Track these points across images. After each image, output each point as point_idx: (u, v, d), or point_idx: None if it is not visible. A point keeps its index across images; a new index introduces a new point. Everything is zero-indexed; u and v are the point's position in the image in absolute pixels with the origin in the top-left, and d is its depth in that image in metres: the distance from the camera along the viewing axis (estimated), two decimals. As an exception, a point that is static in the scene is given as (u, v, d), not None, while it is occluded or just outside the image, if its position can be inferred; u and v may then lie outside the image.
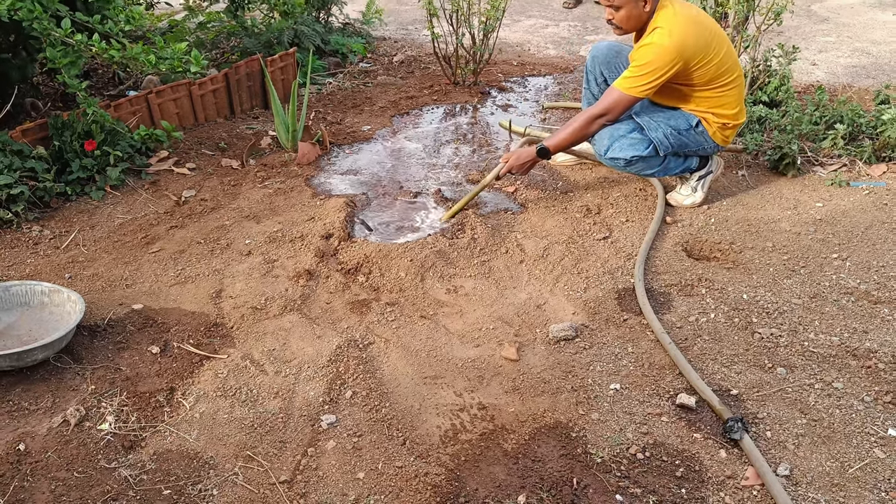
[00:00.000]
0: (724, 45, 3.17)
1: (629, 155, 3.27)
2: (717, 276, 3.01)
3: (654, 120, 3.31)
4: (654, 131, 3.28)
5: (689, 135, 3.32)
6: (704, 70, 3.13)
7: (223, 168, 3.97)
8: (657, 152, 3.30)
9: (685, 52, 3.04)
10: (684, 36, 3.03)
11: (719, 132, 3.33)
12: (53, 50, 3.32)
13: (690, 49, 3.05)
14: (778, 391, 2.39)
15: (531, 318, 2.80)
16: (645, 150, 3.27)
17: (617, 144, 3.29)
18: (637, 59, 3.10)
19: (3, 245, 3.19)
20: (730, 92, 3.25)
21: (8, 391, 2.38)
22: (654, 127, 3.29)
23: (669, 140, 3.28)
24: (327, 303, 2.89)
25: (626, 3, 3.09)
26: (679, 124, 3.31)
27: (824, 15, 6.99)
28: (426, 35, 6.21)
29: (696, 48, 3.06)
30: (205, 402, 2.37)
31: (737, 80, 3.25)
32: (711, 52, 3.10)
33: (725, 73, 3.18)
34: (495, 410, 2.35)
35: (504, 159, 3.41)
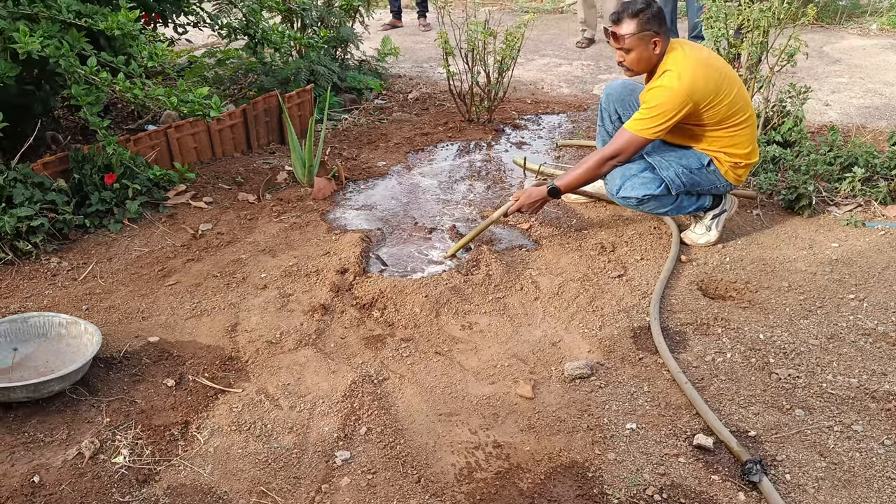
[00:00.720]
0: (734, 86, 3.18)
1: (641, 194, 3.29)
2: (733, 315, 3.00)
3: (666, 159, 3.32)
4: (665, 170, 3.29)
5: (701, 173, 3.33)
6: (715, 111, 3.16)
7: (240, 202, 4.00)
8: (669, 191, 3.31)
9: (695, 94, 3.07)
10: (694, 78, 3.06)
11: (731, 171, 3.34)
12: (78, 87, 3.37)
13: (700, 91, 3.08)
14: (797, 433, 2.37)
15: (546, 356, 2.79)
16: (657, 188, 3.29)
17: (629, 183, 3.30)
18: (648, 101, 3.13)
19: (22, 276, 3.22)
20: (742, 132, 3.26)
21: (24, 422, 2.39)
22: (666, 166, 3.30)
23: (681, 179, 3.29)
24: (342, 337, 2.89)
25: (636, 45, 3.12)
26: (690, 163, 3.32)
27: (836, 56, 7.03)
28: (441, 73, 6.29)
29: (707, 90, 3.09)
30: (219, 437, 2.36)
31: (748, 120, 3.26)
32: (722, 94, 3.12)
33: (737, 113, 3.20)
34: (511, 449, 2.34)
35: (514, 197, 3.43)
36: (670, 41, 3.17)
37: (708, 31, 4.19)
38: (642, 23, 3.08)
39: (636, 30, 3.09)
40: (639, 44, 3.11)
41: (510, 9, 9.83)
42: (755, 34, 4.04)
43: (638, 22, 3.09)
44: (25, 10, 3.23)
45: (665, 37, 3.14)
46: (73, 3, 3.29)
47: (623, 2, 3.18)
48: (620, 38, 3.13)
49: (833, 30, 8.14)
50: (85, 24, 3.30)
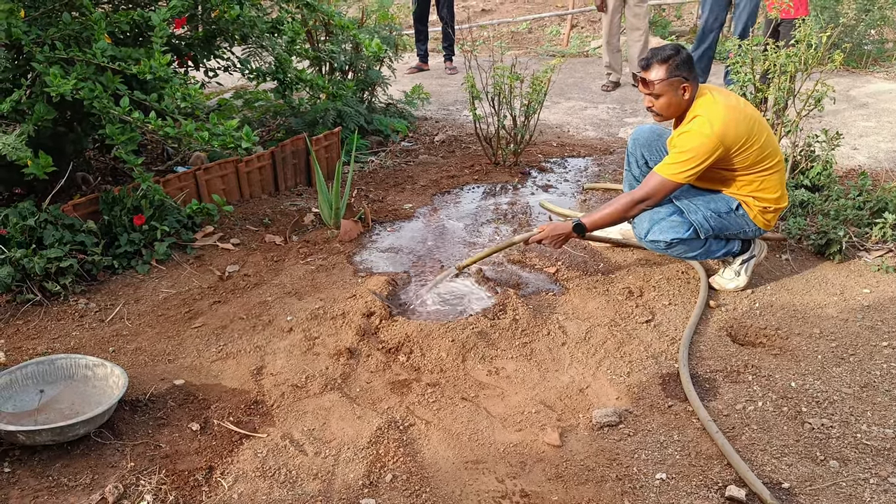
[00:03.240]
0: (764, 131, 3.18)
1: (669, 237, 3.27)
2: (764, 362, 2.95)
3: (694, 203, 3.31)
4: (693, 214, 3.28)
5: (730, 217, 3.31)
6: (745, 155, 3.14)
7: (267, 244, 4.03)
8: (698, 235, 3.29)
9: (726, 139, 3.06)
10: (725, 124, 3.05)
11: (760, 216, 3.32)
12: (112, 127, 3.43)
13: (731, 136, 3.07)
14: (831, 485, 2.31)
15: (574, 403, 2.75)
16: (685, 232, 3.27)
17: (657, 227, 3.29)
18: (678, 145, 3.13)
19: (49, 317, 3.24)
20: (771, 176, 3.24)
21: (48, 466, 2.38)
22: (694, 210, 3.29)
23: (710, 223, 3.28)
24: (368, 382, 2.87)
25: (665, 91, 3.13)
26: (719, 207, 3.30)
27: (863, 100, 7.00)
28: (467, 115, 6.33)
29: (738, 135, 3.08)
30: (243, 483, 2.34)
31: (778, 164, 3.25)
32: (753, 139, 3.11)
33: (767, 158, 3.19)
34: (538, 498, 2.29)
35: (540, 228, 3.42)
36: (700, 86, 3.18)
37: (734, 75, 4.19)
38: (672, 68, 3.09)
39: (665, 76, 3.10)
40: (668, 89, 3.12)
41: (535, 53, 9.91)
42: (782, 79, 4.04)
43: (667, 68, 3.10)
44: (62, 55, 3.30)
45: (694, 83, 3.15)
46: (108, 48, 3.36)
47: (652, 48, 3.19)
48: (650, 84, 3.14)
49: (859, 74, 8.12)
50: (119, 67, 3.37)
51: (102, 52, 3.35)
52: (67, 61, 3.38)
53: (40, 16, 3.44)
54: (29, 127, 3.34)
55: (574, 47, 10.22)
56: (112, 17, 3.58)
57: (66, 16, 3.42)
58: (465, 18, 10.77)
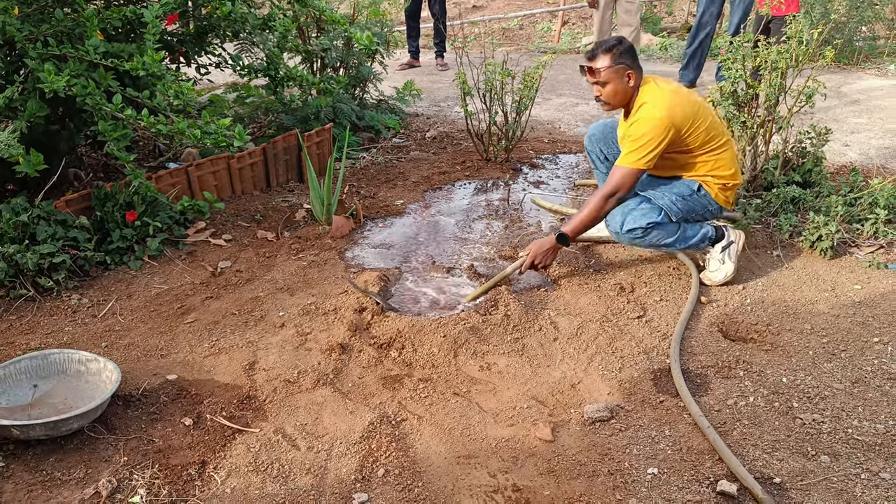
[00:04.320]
0: (709, 114, 3.37)
1: (644, 223, 3.35)
2: (755, 358, 2.96)
3: (659, 191, 3.47)
4: (660, 199, 3.42)
5: (694, 199, 3.45)
6: (695, 135, 3.31)
7: (258, 240, 4.02)
8: (669, 218, 3.41)
9: (675, 119, 3.22)
10: (671, 107, 3.22)
11: (721, 193, 3.46)
12: (105, 123, 3.43)
13: (679, 117, 3.23)
14: (823, 480, 2.32)
15: (566, 398, 2.77)
16: (658, 216, 3.37)
17: (630, 217, 3.38)
18: (632, 134, 3.27)
19: (42, 313, 3.24)
20: (723, 155, 3.40)
21: (42, 460, 2.38)
22: (660, 196, 3.43)
23: (677, 206, 3.41)
24: (360, 377, 2.88)
25: (611, 78, 3.29)
26: (682, 191, 3.45)
27: (854, 97, 7.03)
28: (458, 112, 6.34)
29: (685, 116, 3.24)
30: (236, 477, 2.34)
31: (727, 143, 3.42)
32: (699, 119, 3.28)
33: (715, 137, 3.36)
34: (530, 493, 2.30)
35: (526, 251, 3.47)
36: (643, 76, 3.35)
37: (726, 72, 4.21)
38: (616, 56, 3.27)
39: (611, 63, 3.27)
40: (613, 77, 3.28)
41: (526, 49, 9.92)
42: (773, 75, 4.05)
43: (612, 56, 3.27)
44: (54, 51, 3.29)
45: (638, 71, 3.32)
46: (100, 45, 3.35)
47: (597, 41, 3.34)
48: (596, 72, 3.31)
49: (851, 70, 8.16)
50: (111, 64, 3.36)
51: (95, 49, 3.34)
52: (60, 58, 3.37)
53: (33, 12, 3.43)
54: (22, 124, 3.33)
55: (565, 44, 10.24)
56: (104, 13, 3.57)
57: (58, 12, 3.41)
58: (457, 15, 10.77)
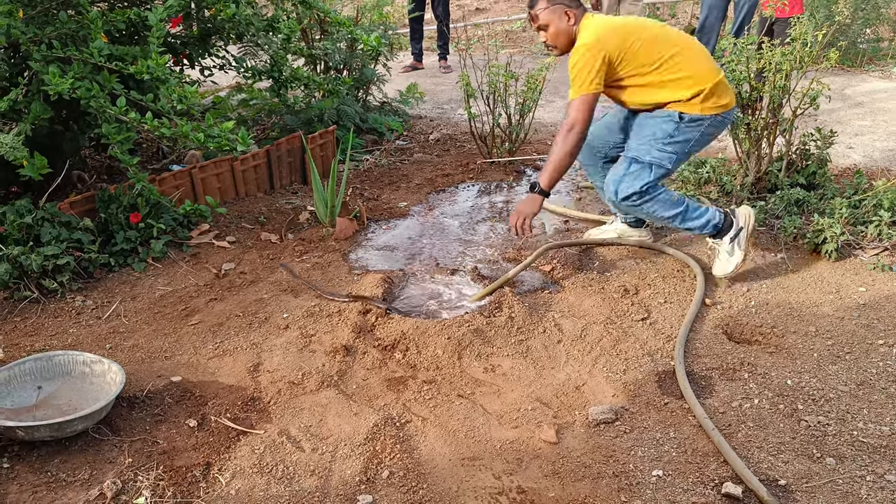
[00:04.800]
0: (646, 29, 3.30)
1: (638, 186, 3.28)
2: (760, 360, 2.96)
3: (642, 144, 3.34)
4: (647, 154, 3.30)
5: (681, 131, 3.30)
6: (635, 53, 3.23)
7: (262, 242, 4.03)
8: (666, 169, 3.31)
9: (606, 43, 3.19)
10: (598, 32, 3.22)
11: (700, 105, 3.28)
12: (109, 126, 3.43)
13: (610, 39, 3.20)
14: (828, 482, 2.32)
15: (570, 400, 2.76)
16: (649, 175, 3.29)
17: (623, 185, 3.31)
18: (571, 65, 3.25)
19: (47, 314, 3.24)
20: (680, 62, 3.26)
21: (47, 462, 2.38)
22: (645, 151, 3.31)
23: (666, 150, 3.29)
24: (364, 379, 2.88)
25: (550, 19, 3.34)
26: (664, 130, 3.31)
27: (858, 99, 7.02)
28: (461, 114, 6.34)
29: (618, 37, 3.21)
30: (241, 479, 2.34)
31: (681, 52, 3.27)
32: (632, 37, 3.22)
33: (662, 47, 3.25)
34: (535, 495, 2.30)
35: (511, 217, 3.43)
36: (585, 15, 3.34)
37: (730, 74, 4.20)
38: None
39: (547, 4, 3.31)
40: (552, 17, 3.31)
41: (530, 51, 9.92)
42: (777, 77, 4.05)
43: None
44: (59, 54, 3.30)
45: (578, 10, 3.33)
46: (104, 47, 3.36)
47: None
48: (536, 17, 3.36)
49: (855, 73, 8.14)
50: (116, 66, 3.36)
51: (99, 52, 3.35)
52: (64, 60, 3.38)
53: (37, 14, 3.44)
54: (26, 126, 3.34)
55: (569, 46, 10.22)
56: (108, 15, 3.58)
57: (63, 14, 3.42)
58: (460, 17, 10.77)
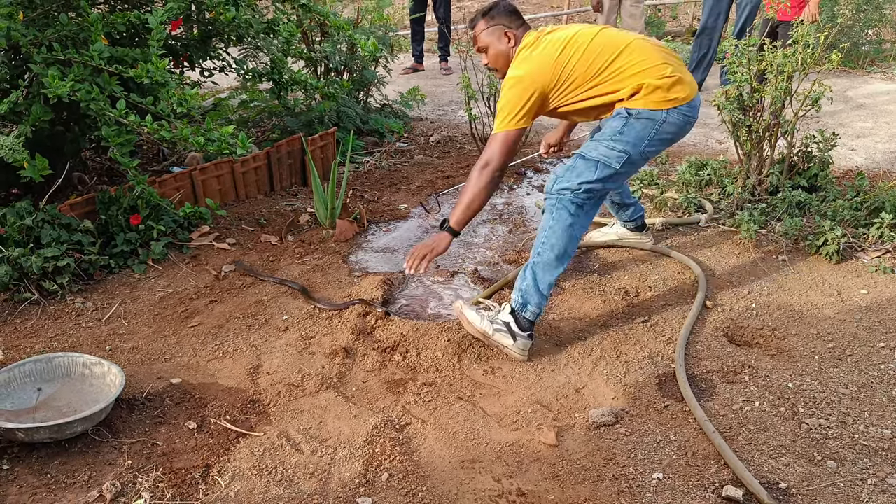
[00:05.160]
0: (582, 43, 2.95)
1: (576, 181, 2.91)
2: (761, 362, 2.95)
3: (591, 142, 3.03)
4: (593, 151, 2.96)
5: (630, 126, 2.93)
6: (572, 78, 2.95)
7: (262, 244, 4.02)
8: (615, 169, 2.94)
9: (538, 78, 2.93)
10: (531, 65, 2.95)
11: (642, 99, 2.93)
12: (108, 129, 3.43)
13: (543, 74, 2.93)
14: (829, 486, 2.31)
15: (570, 402, 2.76)
16: (594, 173, 2.92)
17: (564, 176, 2.97)
18: (501, 98, 3.00)
19: (46, 316, 3.24)
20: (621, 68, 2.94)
21: (46, 463, 2.38)
22: (593, 147, 2.98)
23: (615, 148, 2.93)
24: (363, 381, 2.87)
25: (489, 42, 3.15)
26: (613, 126, 2.96)
27: (860, 101, 7.02)
28: (462, 116, 6.33)
29: (550, 70, 2.93)
30: (240, 481, 2.34)
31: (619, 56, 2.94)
32: (567, 62, 2.93)
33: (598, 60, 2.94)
34: (535, 498, 2.29)
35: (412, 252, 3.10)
36: (528, 34, 3.10)
37: (731, 75, 4.20)
38: (490, 19, 3.15)
39: (486, 26, 3.15)
40: (491, 39, 3.14)
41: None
42: (779, 79, 4.04)
43: (487, 19, 3.15)
44: (59, 56, 3.30)
45: (519, 30, 3.14)
46: (105, 50, 3.36)
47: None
48: (476, 39, 3.20)
49: (857, 75, 8.14)
50: (116, 69, 3.36)
51: (100, 54, 3.35)
52: (65, 63, 3.38)
53: (38, 17, 3.44)
54: (26, 128, 3.34)
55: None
56: (109, 18, 3.58)
57: (63, 17, 3.41)
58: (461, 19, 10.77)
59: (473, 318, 3.00)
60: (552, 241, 2.94)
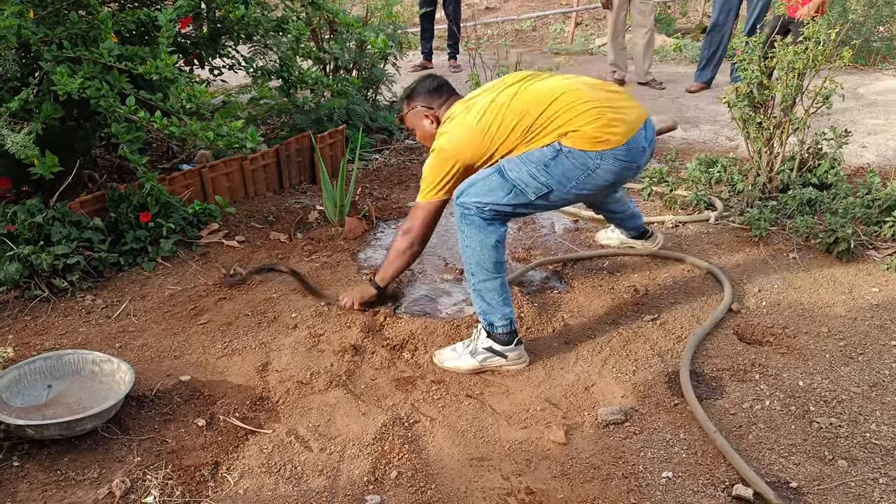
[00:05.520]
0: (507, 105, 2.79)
1: (484, 200, 2.76)
2: (771, 361, 2.94)
3: (517, 160, 2.78)
4: (514, 171, 2.75)
5: (559, 162, 2.71)
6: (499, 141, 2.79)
7: (271, 241, 4.03)
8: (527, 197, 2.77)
9: (461, 151, 2.85)
10: (454, 136, 2.86)
11: (570, 140, 2.71)
12: (118, 125, 3.44)
13: (466, 148, 2.83)
14: (840, 485, 2.30)
15: (579, 400, 2.75)
16: (504, 196, 2.75)
17: (473, 188, 2.80)
18: (424, 170, 2.96)
19: (57, 313, 3.25)
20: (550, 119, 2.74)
21: (56, 460, 2.39)
22: (516, 167, 2.76)
23: (538, 178, 2.73)
24: (372, 379, 2.87)
25: (414, 123, 3.15)
26: (543, 154, 2.73)
27: (872, 98, 6.98)
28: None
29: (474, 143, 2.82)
30: (249, 478, 2.34)
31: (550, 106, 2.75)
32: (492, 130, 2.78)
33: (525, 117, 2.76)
34: (543, 496, 2.29)
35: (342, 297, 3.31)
36: (451, 108, 2.96)
37: (741, 73, 4.18)
38: (410, 101, 3.13)
39: (407, 109, 3.14)
40: (415, 121, 3.13)
41: (540, 51, 9.90)
42: (790, 76, 4.02)
43: (408, 102, 3.14)
44: (69, 54, 3.31)
45: (441, 108, 3.04)
46: (114, 47, 3.37)
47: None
48: (402, 120, 3.21)
49: (868, 71, 8.09)
50: (125, 66, 3.37)
51: (109, 52, 3.35)
52: (74, 60, 3.39)
53: (48, 15, 3.45)
54: (37, 125, 3.35)
55: (578, 45, 10.20)
56: (119, 16, 3.59)
57: (73, 15, 3.42)
58: (470, 16, 10.76)
59: (458, 363, 2.92)
60: (476, 259, 2.84)
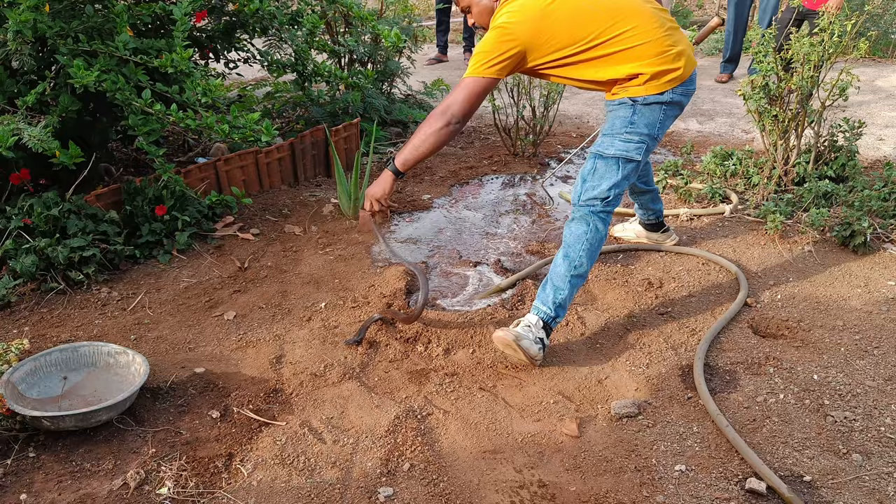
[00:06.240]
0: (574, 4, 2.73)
1: (606, 186, 2.83)
2: (786, 354, 2.92)
3: (605, 137, 2.87)
4: (610, 147, 2.84)
5: (639, 114, 2.78)
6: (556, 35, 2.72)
7: (286, 234, 4.04)
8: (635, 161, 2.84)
9: (518, 30, 2.71)
10: (513, 16, 2.73)
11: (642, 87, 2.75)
12: (135, 118, 3.46)
13: (523, 27, 2.71)
14: (854, 479, 2.28)
15: (592, 393, 2.74)
16: (618, 172, 2.83)
17: (588, 184, 2.87)
18: (479, 46, 2.80)
19: (73, 306, 3.28)
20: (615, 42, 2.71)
21: (71, 451, 2.41)
22: (609, 143, 2.85)
23: (631, 140, 2.80)
24: (386, 371, 2.88)
25: (471, 1, 2.97)
26: (622, 117, 2.81)
27: (890, 91, 6.90)
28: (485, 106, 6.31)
29: (532, 23, 2.71)
30: (262, 470, 2.36)
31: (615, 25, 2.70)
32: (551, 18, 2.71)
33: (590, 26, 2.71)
34: (556, 489, 2.29)
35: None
36: None
37: (757, 65, 4.15)
38: None
39: None
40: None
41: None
42: (806, 68, 3.99)
43: None
44: (85, 47, 3.33)
45: None
46: (130, 41, 3.38)
47: None
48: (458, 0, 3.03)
49: (885, 63, 8.01)
50: (141, 60, 3.39)
51: (125, 45, 3.37)
52: (91, 53, 3.41)
53: (64, 8, 3.47)
54: (54, 119, 3.37)
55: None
56: (134, 9, 3.60)
57: (89, 8, 3.44)
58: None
59: (530, 347, 2.81)
60: (590, 251, 2.86)
